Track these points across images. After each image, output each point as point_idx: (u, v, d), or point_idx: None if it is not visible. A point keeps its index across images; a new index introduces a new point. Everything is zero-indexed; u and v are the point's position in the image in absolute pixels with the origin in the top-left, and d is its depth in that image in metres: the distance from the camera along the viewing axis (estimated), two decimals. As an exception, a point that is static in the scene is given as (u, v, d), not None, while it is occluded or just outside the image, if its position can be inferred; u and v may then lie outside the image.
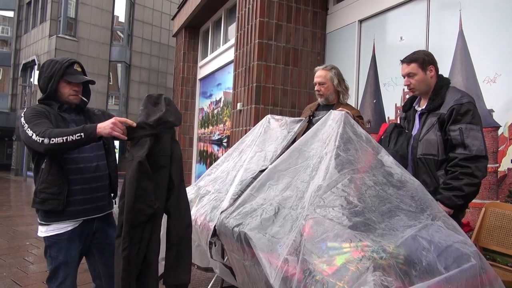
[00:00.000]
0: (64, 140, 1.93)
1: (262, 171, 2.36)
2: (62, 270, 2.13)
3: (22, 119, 2.06)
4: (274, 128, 2.80)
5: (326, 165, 1.90)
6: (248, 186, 2.31)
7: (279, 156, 2.38)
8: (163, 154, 1.99)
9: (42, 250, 5.26)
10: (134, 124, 1.95)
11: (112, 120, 1.94)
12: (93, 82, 2.30)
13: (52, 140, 1.93)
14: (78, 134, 1.93)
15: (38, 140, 1.95)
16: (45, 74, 2.17)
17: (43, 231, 2.14)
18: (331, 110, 2.30)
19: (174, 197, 2.02)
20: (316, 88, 3.06)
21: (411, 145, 2.42)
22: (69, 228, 2.13)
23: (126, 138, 1.95)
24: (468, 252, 1.54)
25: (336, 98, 3.07)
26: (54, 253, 2.14)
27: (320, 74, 3.06)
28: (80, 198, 2.13)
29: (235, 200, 2.27)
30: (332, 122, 2.15)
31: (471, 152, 2.17)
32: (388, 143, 2.50)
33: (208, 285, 3.43)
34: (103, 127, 1.93)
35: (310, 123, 2.89)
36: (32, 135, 1.97)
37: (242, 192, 2.30)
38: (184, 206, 2.05)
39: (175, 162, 2.04)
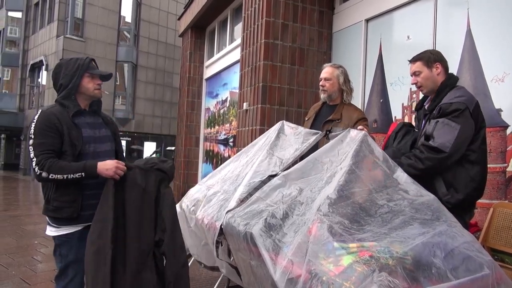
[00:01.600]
0: (64, 178, 2.01)
1: (272, 176, 2.37)
2: (71, 268, 2.15)
3: (33, 126, 2.07)
4: (288, 135, 2.80)
5: (338, 178, 1.90)
6: (256, 188, 2.31)
7: (290, 165, 2.38)
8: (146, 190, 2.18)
9: (51, 249, 5.30)
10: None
11: (114, 164, 2.07)
12: (111, 76, 2.39)
13: (51, 176, 1.99)
14: (79, 174, 2.02)
15: (36, 171, 1.99)
16: (67, 71, 2.19)
17: (53, 230, 2.15)
18: (349, 128, 2.30)
19: (169, 239, 2.18)
20: (321, 83, 3.07)
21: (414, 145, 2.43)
22: (80, 228, 2.15)
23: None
24: (482, 261, 1.51)
25: (339, 97, 3.07)
26: (64, 252, 2.14)
27: (327, 70, 3.08)
28: (93, 202, 2.12)
29: (243, 200, 2.27)
30: (350, 140, 2.15)
31: (434, 143, 2.18)
32: (394, 141, 2.50)
33: (215, 285, 3.44)
34: (106, 169, 2.05)
35: (326, 138, 2.89)
36: (33, 159, 2.01)
37: (250, 194, 2.30)
38: (179, 248, 2.23)
39: (167, 206, 2.23)
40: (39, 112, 2.14)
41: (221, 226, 2.24)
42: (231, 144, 7.58)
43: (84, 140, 2.17)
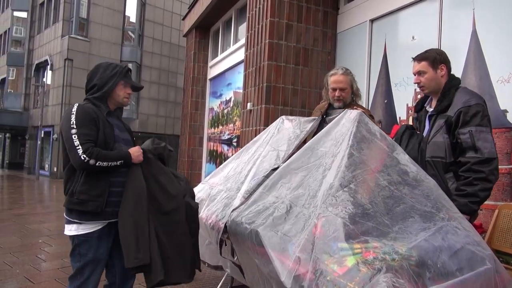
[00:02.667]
0: (108, 165, 2.09)
1: (274, 169, 2.36)
2: (88, 267, 2.16)
3: (73, 117, 2.09)
4: (287, 128, 2.80)
5: (338, 163, 1.89)
6: (260, 184, 2.31)
7: (291, 155, 2.37)
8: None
9: (55, 248, 5.35)
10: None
11: (137, 150, 2.22)
12: (141, 89, 2.58)
13: (98, 163, 2.06)
14: (120, 161, 2.13)
15: (83, 158, 2.02)
16: (105, 74, 2.25)
17: (73, 229, 2.15)
18: (346, 110, 2.28)
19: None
20: (336, 93, 2.97)
21: (421, 147, 2.40)
22: (100, 227, 2.16)
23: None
24: (483, 255, 1.51)
25: (349, 100, 3.07)
26: (83, 251, 2.15)
27: (341, 79, 2.98)
28: (115, 200, 2.16)
29: (247, 198, 2.27)
30: (346, 121, 2.13)
31: (483, 155, 2.12)
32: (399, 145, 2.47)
33: (218, 284, 3.44)
34: (136, 156, 2.19)
35: (323, 122, 2.89)
36: (78, 148, 2.03)
37: (254, 190, 2.30)
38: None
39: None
40: (75, 106, 2.17)
41: (225, 224, 2.24)
42: (234, 144, 7.59)
43: (115, 139, 2.23)
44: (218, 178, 2.96)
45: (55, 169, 18.75)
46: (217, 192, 2.69)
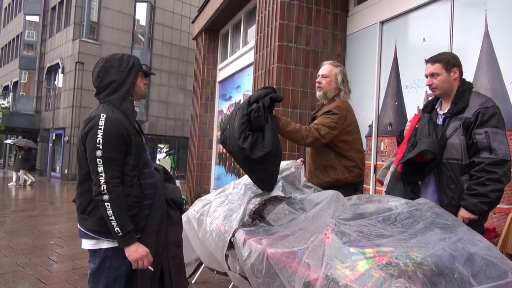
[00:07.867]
0: (110, 217, 1.78)
1: (282, 198, 2.42)
2: (119, 283, 1.94)
3: (101, 134, 1.80)
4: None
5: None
6: (266, 202, 2.36)
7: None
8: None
9: (66, 250, 5.38)
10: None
11: (145, 254, 1.88)
12: (154, 74, 2.33)
13: (107, 206, 1.77)
14: (120, 232, 1.80)
15: (102, 189, 1.77)
16: (121, 68, 1.96)
17: (104, 242, 1.90)
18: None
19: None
20: (317, 80, 3.02)
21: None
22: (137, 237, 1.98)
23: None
24: (507, 267, 1.48)
25: (334, 97, 3.01)
26: (116, 264, 1.90)
27: (325, 67, 3.02)
28: (146, 212, 2.00)
29: (252, 216, 2.30)
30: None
31: (497, 156, 2.13)
32: (429, 133, 2.39)
33: (229, 286, 3.44)
34: (134, 257, 1.85)
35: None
36: (101, 175, 1.78)
37: (260, 205, 2.34)
38: None
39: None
40: (103, 117, 1.84)
41: (230, 239, 2.25)
42: (244, 146, 7.58)
43: (143, 149, 2.00)
44: (224, 193, 2.99)
45: (66, 171, 18.94)
46: (227, 208, 2.70)
